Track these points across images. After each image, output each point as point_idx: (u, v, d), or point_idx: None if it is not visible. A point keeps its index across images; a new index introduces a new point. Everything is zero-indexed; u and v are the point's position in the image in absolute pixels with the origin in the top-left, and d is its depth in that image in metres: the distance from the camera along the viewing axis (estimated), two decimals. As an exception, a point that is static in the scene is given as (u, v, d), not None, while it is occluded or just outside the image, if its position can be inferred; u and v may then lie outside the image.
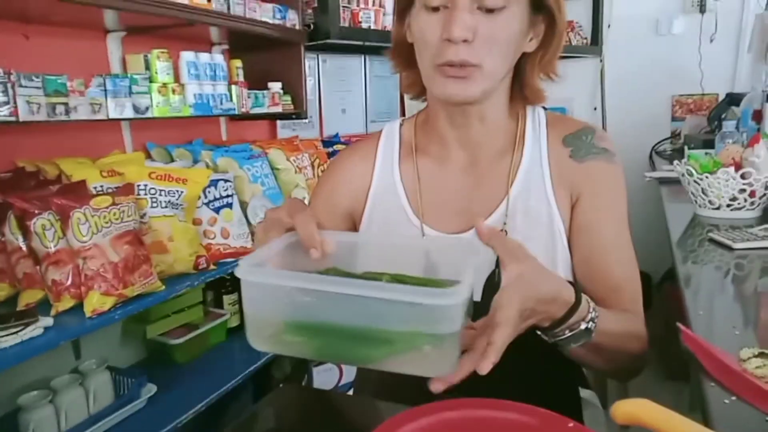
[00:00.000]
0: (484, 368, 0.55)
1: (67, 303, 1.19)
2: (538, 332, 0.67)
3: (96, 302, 1.19)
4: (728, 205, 1.37)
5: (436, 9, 0.73)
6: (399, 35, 0.82)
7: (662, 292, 2.62)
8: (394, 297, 0.51)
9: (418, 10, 0.75)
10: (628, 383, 0.85)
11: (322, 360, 0.65)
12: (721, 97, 2.66)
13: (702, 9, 2.86)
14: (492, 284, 0.68)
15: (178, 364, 1.61)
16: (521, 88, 0.83)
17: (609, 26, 3.07)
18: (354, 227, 0.89)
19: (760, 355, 0.65)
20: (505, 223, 0.81)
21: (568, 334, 0.66)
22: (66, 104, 1.22)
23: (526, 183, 0.82)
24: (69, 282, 1.20)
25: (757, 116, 1.92)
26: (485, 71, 0.73)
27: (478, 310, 0.62)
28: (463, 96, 0.75)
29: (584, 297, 0.67)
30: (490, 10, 0.71)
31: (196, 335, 1.64)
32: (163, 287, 1.32)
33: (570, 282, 0.67)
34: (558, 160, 0.82)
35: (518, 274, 0.60)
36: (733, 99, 2.42)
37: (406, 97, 2.66)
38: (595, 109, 3.17)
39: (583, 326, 0.66)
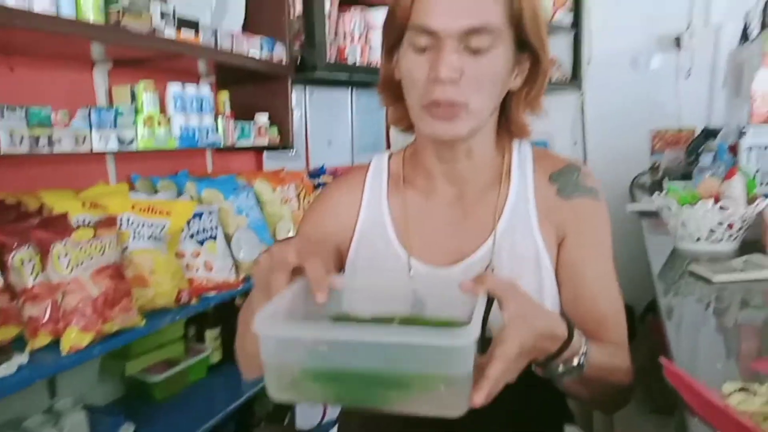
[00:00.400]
0: (477, 401, 0.56)
1: (43, 340, 1.16)
2: (533, 367, 0.68)
3: (74, 339, 1.16)
4: (707, 238, 1.40)
5: (423, 49, 0.74)
6: (387, 71, 0.84)
7: (645, 324, 2.63)
8: (409, 341, 0.54)
9: (405, 50, 0.77)
10: (614, 417, 0.85)
11: (340, 405, 0.66)
12: (698, 131, 2.73)
13: (678, 46, 2.95)
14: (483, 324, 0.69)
15: (158, 401, 1.57)
16: (507, 123, 0.85)
17: (589, 63, 3.15)
18: (340, 259, 0.89)
19: (743, 390, 0.65)
20: (491, 259, 0.81)
21: (561, 369, 0.68)
22: (49, 136, 1.22)
23: (513, 219, 0.83)
24: (46, 318, 1.17)
25: (733, 150, 1.97)
26: (472, 110, 0.75)
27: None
28: (451, 135, 0.76)
29: (576, 331, 0.68)
30: (476, 51, 0.73)
31: (176, 372, 1.60)
32: (144, 322, 1.30)
33: (563, 317, 0.69)
34: (544, 196, 0.84)
35: (517, 311, 0.62)
36: (710, 133, 2.49)
37: (392, 130, 2.72)
38: (575, 143, 3.23)
39: (575, 362, 0.68)
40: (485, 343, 0.61)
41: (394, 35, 0.78)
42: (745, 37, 2.45)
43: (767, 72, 1.83)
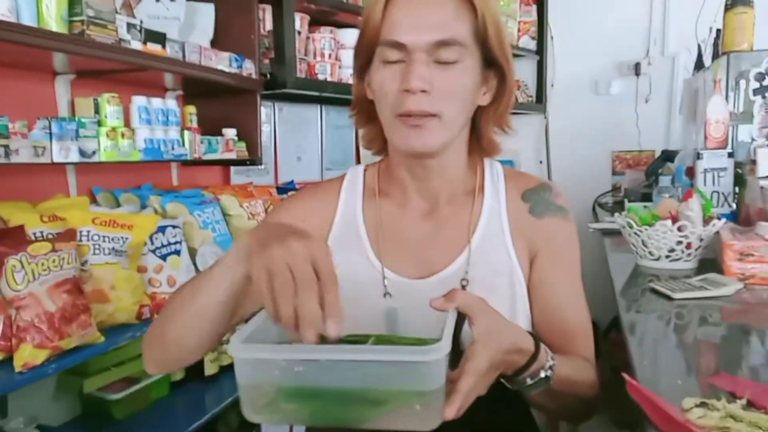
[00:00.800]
0: (449, 414, 0.58)
1: (-6, 356, 1.11)
2: (502, 380, 0.69)
3: (28, 355, 1.11)
4: (667, 256, 1.44)
5: (394, 63, 0.76)
6: (359, 92, 0.85)
7: (609, 340, 2.68)
8: (382, 358, 0.55)
9: (377, 65, 0.79)
10: (578, 431, 0.86)
11: (317, 425, 0.66)
12: (657, 154, 2.83)
13: (637, 72, 3.07)
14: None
15: (117, 420, 1.51)
16: (478, 140, 0.87)
17: (552, 86, 3.24)
18: None
19: (702, 404, 0.67)
20: (467, 272, 0.82)
21: (529, 381, 0.69)
22: (6, 146, 1.18)
23: (487, 234, 0.85)
24: (-1, 334, 1.12)
25: (690, 172, 2.04)
26: (444, 120, 0.77)
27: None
28: (424, 146, 0.78)
29: (542, 346, 0.70)
30: (444, 63, 0.75)
31: (137, 389, 1.55)
32: (103, 338, 1.26)
33: (529, 332, 0.71)
34: (517, 213, 0.86)
35: (487, 327, 0.63)
36: (668, 155, 2.58)
37: (361, 147, 2.73)
38: (540, 162, 3.31)
39: (542, 374, 0.69)
40: (457, 357, 0.62)
41: (365, 54, 0.80)
42: (699, 65, 2.56)
43: (720, 99, 1.91)
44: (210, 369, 1.71)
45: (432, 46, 0.75)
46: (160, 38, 1.50)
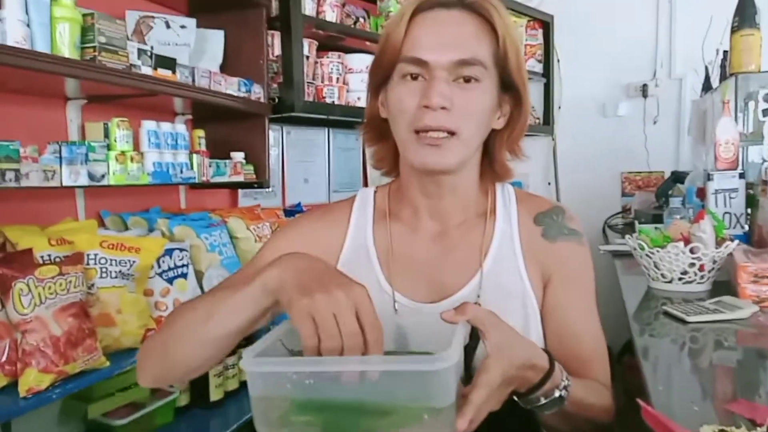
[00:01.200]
0: (461, 426, 0.57)
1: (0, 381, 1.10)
2: (515, 398, 0.68)
3: (33, 380, 1.10)
4: (680, 279, 1.41)
5: (414, 77, 0.76)
6: (372, 110, 0.85)
7: (622, 365, 2.63)
8: (391, 368, 0.56)
9: (396, 81, 0.79)
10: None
11: None
12: (666, 175, 2.81)
13: (644, 94, 3.08)
14: (466, 349, 0.69)
15: (121, 447, 1.49)
16: (491, 164, 0.87)
17: (560, 108, 3.25)
18: None
19: None
20: (479, 296, 0.81)
21: (543, 401, 0.68)
22: (17, 170, 1.19)
23: (499, 257, 0.84)
24: (4, 358, 1.12)
25: (701, 193, 2.02)
26: (462, 139, 0.77)
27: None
28: (440, 165, 0.77)
29: (557, 365, 0.69)
30: (466, 82, 0.76)
31: (141, 415, 1.53)
32: (108, 363, 1.25)
33: (544, 349, 0.70)
34: (529, 237, 0.85)
35: (499, 341, 0.63)
36: (678, 177, 2.56)
37: (369, 168, 2.74)
38: (549, 184, 3.30)
39: (557, 394, 0.68)
40: (471, 377, 0.62)
41: (383, 71, 0.80)
42: (707, 86, 2.56)
43: (729, 120, 1.90)
44: (215, 395, 1.69)
45: (453, 64, 0.75)
46: (170, 63, 1.52)
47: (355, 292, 0.60)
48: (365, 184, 2.81)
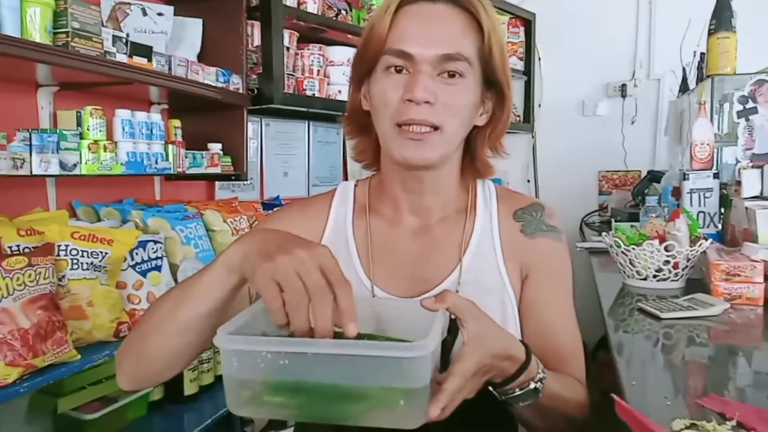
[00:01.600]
0: (433, 413, 0.57)
1: (-36, 374, 1.07)
2: (490, 388, 0.68)
3: (-1, 373, 1.07)
4: (654, 276, 1.43)
5: (399, 70, 0.76)
6: (355, 102, 0.84)
7: (597, 360, 2.66)
8: (367, 353, 0.55)
9: (380, 74, 0.78)
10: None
11: (301, 420, 0.67)
12: (643, 174, 2.85)
13: (623, 94, 3.11)
14: (445, 342, 0.68)
15: (91, 442, 1.46)
16: (472, 161, 0.87)
17: (540, 106, 3.28)
18: None
19: (692, 426, 0.66)
20: (457, 291, 0.81)
21: (518, 392, 0.68)
22: (-16, 158, 1.15)
23: (479, 253, 0.84)
24: (-31, 350, 1.08)
25: (676, 193, 2.05)
26: (445, 134, 0.76)
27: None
28: (421, 159, 0.77)
29: (534, 357, 0.69)
30: (450, 77, 0.75)
31: (113, 409, 1.50)
32: (79, 356, 1.22)
33: (521, 341, 0.70)
34: (508, 233, 0.85)
35: (477, 331, 0.63)
36: (654, 176, 2.59)
37: (349, 163, 2.72)
38: (528, 181, 3.32)
39: (531, 386, 0.68)
40: (448, 365, 0.62)
41: (366, 63, 0.79)
42: (684, 87, 2.59)
43: (704, 121, 1.93)
44: (189, 389, 1.66)
45: (438, 59, 0.75)
46: (146, 51, 1.49)
47: (318, 252, 0.59)
48: (345, 178, 2.80)
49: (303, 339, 0.57)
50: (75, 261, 1.29)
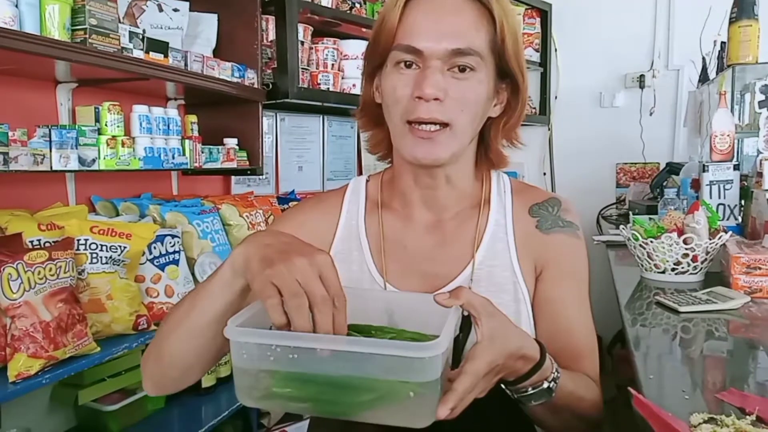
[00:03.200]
0: (441, 413, 0.56)
1: (-12, 366, 1.10)
2: (503, 386, 0.67)
3: (22, 365, 1.10)
4: (673, 269, 1.41)
5: (408, 66, 0.75)
6: (367, 95, 0.84)
7: (613, 355, 2.64)
8: (378, 351, 0.54)
9: (390, 69, 0.77)
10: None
11: (309, 413, 0.70)
12: (662, 166, 2.81)
13: (641, 85, 3.06)
14: (457, 339, 0.68)
15: (112, 432, 1.49)
16: (486, 152, 0.86)
17: (556, 98, 3.24)
18: None
19: (710, 420, 0.65)
20: (470, 287, 0.80)
21: (530, 391, 0.67)
22: (5, 154, 1.17)
23: (492, 249, 0.82)
24: (-7, 343, 1.11)
25: (696, 185, 2.02)
26: (455, 131, 0.75)
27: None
28: (432, 158, 0.76)
29: (548, 356, 0.68)
30: (460, 72, 0.74)
31: (132, 401, 1.53)
32: (99, 349, 1.24)
33: (536, 340, 0.68)
34: (523, 228, 0.84)
35: (491, 329, 0.61)
36: (673, 168, 2.56)
37: (363, 157, 2.72)
38: (544, 174, 3.29)
39: (545, 385, 0.67)
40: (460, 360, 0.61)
41: (377, 57, 0.78)
42: (704, 78, 2.55)
43: (725, 111, 1.89)
44: (207, 381, 1.69)
45: (448, 54, 0.73)
46: (162, 47, 1.50)
47: (318, 260, 0.59)
48: (360, 173, 2.80)
49: (314, 335, 0.56)
50: (94, 255, 1.31)
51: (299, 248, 0.60)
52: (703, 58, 2.56)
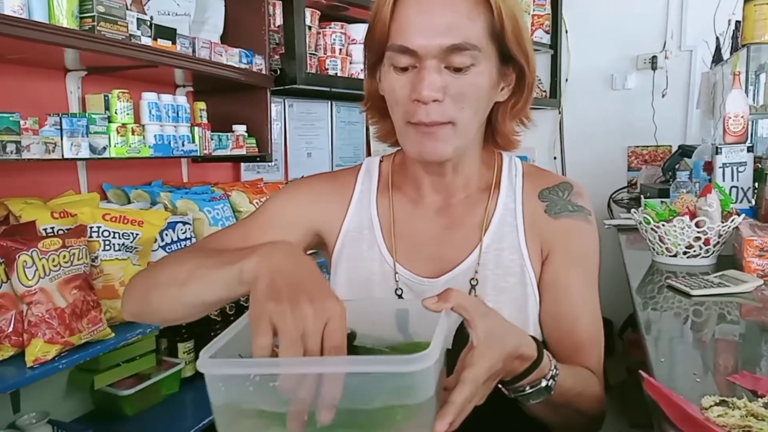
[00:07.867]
0: (439, 428, 0.52)
1: (6, 352, 1.12)
2: (499, 385, 0.65)
3: (39, 351, 1.12)
4: (684, 253, 1.41)
5: (404, 69, 0.73)
6: (371, 88, 0.83)
7: (624, 339, 2.64)
8: (360, 369, 0.50)
9: (387, 69, 0.75)
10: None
11: None
12: (674, 149, 2.77)
13: (654, 66, 3.01)
14: (454, 344, 0.66)
15: (128, 416, 1.52)
16: (494, 135, 0.84)
17: (566, 80, 3.20)
18: (314, 245, 0.88)
19: (722, 403, 0.65)
20: (476, 271, 0.80)
21: (528, 390, 0.65)
22: (18, 143, 1.18)
23: (500, 233, 0.82)
24: (10, 329, 1.13)
25: (708, 167, 2.00)
26: (458, 127, 0.74)
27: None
28: (436, 155, 0.75)
29: (546, 354, 0.66)
30: (458, 69, 0.71)
31: (147, 385, 1.55)
32: (113, 334, 1.26)
33: (532, 337, 0.66)
34: (532, 213, 0.83)
35: (487, 331, 0.58)
36: (685, 151, 2.53)
37: (372, 142, 2.71)
38: (555, 158, 3.27)
39: (543, 383, 0.65)
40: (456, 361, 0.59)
41: (374, 54, 0.77)
42: (718, 58, 2.51)
43: (739, 92, 1.86)
44: (221, 365, 1.70)
45: (444, 51, 0.70)
46: (170, 34, 1.50)
47: (328, 308, 0.53)
48: (369, 158, 2.79)
49: (292, 359, 0.51)
50: (107, 242, 1.33)
51: (312, 288, 0.55)
52: (717, 38, 2.52)
